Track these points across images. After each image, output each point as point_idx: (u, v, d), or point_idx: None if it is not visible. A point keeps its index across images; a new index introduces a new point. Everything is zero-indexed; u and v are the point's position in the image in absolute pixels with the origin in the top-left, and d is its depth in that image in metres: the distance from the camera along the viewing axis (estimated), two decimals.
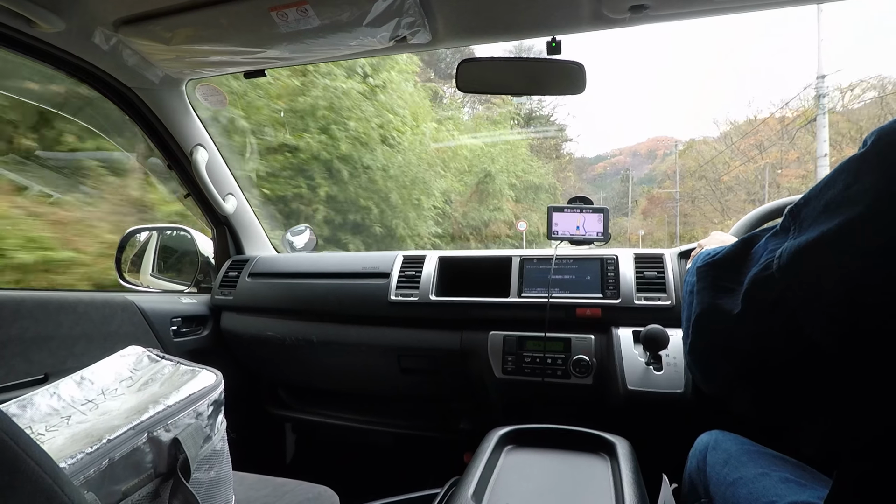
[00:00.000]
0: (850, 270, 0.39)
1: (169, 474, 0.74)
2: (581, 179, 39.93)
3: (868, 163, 0.41)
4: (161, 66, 1.34)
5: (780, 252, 0.46)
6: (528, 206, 15.35)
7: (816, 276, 0.42)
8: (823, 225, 0.42)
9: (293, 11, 1.03)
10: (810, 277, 0.43)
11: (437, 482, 1.13)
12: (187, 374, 0.86)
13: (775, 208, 1.19)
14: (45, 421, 0.71)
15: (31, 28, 1.10)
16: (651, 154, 55.13)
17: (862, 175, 0.40)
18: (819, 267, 0.42)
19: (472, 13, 1.10)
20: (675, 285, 1.36)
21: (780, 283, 0.45)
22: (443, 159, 9.93)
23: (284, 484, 1.05)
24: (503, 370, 1.39)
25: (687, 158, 31.76)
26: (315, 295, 1.63)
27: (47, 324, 1.20)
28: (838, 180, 0.43)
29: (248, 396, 1.89)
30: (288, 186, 5.64)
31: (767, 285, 0.47)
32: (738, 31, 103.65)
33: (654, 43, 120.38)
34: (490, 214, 12.24)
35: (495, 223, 12.38)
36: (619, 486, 0.85)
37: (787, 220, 0.49)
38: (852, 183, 0.41)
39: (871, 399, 0.41)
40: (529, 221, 13.57)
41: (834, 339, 0.41)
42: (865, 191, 0.39)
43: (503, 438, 1.03)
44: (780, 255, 0.46)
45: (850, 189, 0.41)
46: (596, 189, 44.14)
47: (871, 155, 0.41)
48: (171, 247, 1.95)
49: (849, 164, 0.43)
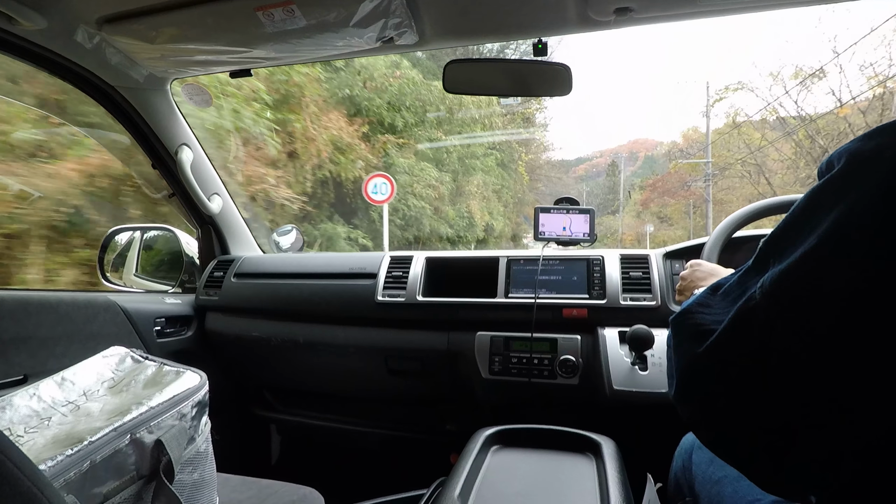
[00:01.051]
0: (841, 284, 0.40)
1: (152, 476, 0.74)
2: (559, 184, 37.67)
3: (846, 179, 0.42)
4: (145, 65, 1.33)
5: (762, 282, 0.46)
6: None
7: (805, 296, 0.42)
8: (805, 246, 0.42)
9: (279, 11, 1.02)
10: (798, 300, 0.42)
11: (424, 483, 1.13)
12: (171, 375, 0.86)
13: (747, 215, 1.20)
14: (24, 422, 0.70)
15: (12, 25, 1.09)
16: (633, 156, 54.15)
17: (841, 194, 0.41)
18: (807, 286, 0.42)
19: (458, 15, 1.11)
20: (661, 286, 1.37)
21: (766, 313, 0.44)
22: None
23: (269, 486, 1.05)
24: (490, 371, 1.39)
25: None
26: (301, 295, 1.62)
27: (27, 324, 1.18)
28: (815, 203, 0.44)
29: (233, 397, 1.88)
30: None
31: (752, 317, 0.46)
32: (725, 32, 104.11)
33: (635, 44, 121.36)
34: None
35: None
36: (604, 485, 0.86)
37: (763, 252, 0.49)
38: (831, 203, 0.42)
39: (866, 403, 0.41)
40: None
41: (823, 359, 0.41)
42: (849, 209, 0.40)
43: (489, 439, 1.04)
44: (762, 284, 0.45)
45: (828, 209, 0.42)
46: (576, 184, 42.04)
47: (846, 173, 0.42)
48: (155, 247, 1.93)
49: (825, 185, 0.44)
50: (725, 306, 0.52)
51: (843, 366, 0.40)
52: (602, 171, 39.73)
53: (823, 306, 0.41)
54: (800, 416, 0.44)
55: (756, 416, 0.47)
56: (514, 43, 7.93)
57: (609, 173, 38.57)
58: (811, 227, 0.43)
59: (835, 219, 0.41)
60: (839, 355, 0.40)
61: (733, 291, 0.52)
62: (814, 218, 0.43)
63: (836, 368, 0.41)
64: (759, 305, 0.45)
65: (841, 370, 0.41)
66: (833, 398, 0.42)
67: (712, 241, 1.17)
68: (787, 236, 0.47)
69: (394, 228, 9.67)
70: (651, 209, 30.57)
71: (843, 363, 0.40)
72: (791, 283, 0.43)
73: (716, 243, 1.16)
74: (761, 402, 0.46)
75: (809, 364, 0.42)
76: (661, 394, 1.20)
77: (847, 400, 0.41)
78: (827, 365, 0.41)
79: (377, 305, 1.52)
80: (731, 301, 0.51)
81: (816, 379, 0.42)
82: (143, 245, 1.86)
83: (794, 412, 0.44)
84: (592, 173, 44.62)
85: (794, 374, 0.43)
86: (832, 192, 0.43)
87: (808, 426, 0.44)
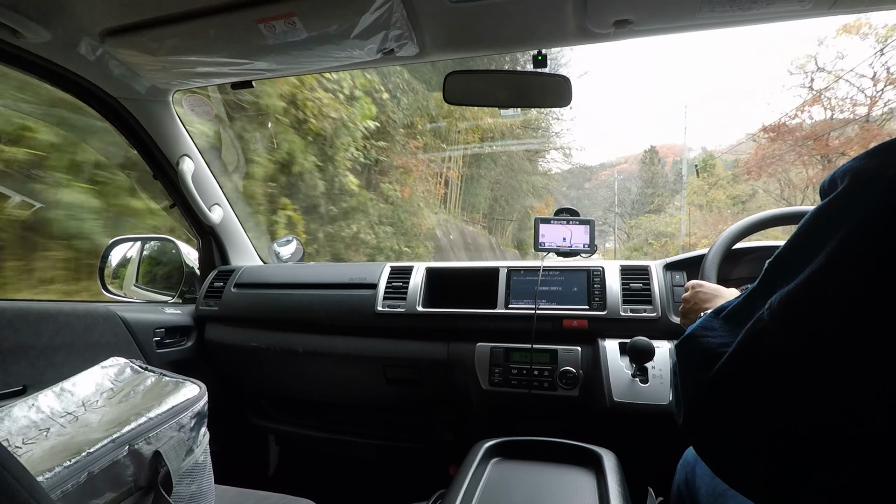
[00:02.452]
0: (849, 301, 0.40)
1: (150, 488, 0.73)
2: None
3: (851, 198, 0.42)
4: (147, 77, 1.34)
5: (770, 303, 0.45)
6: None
7: (814, 314, 0.42)
8: (813, 265, 0.42)
9: (281, 23, 1.03)
10: (807, 319, 0.42)
11: (422, 494, 1.12)
12: (170, 386, 0.86)
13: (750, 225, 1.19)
14: (22, 433, 0.70)
15: (17, 39, 1.10)
16: (660, 161, 52.59)
17: (846, 213, 0.42)
18: (816, 305, 0.42)
19: (458, 27, 1.11)
20: (661, 297, 1.37)
21: (776, 336, 0.44)
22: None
23: (267, 497, 1.04)
24: (490, 382, 1.39)
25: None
26: (301, 305, 1.62)
27: (27, 334, 1.18)
28: (820, 223, 0.44)
29: (232, 408, 1.87)
30: None
31: (761, 339, 0.45)
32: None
33: (657, 50, 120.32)
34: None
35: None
36: (604, 499, 0.86)
37: (769, 274, 0.49)
38: (837, 222, 0.42)
39: (871, 414, 0.40)
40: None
41: (847, 387, 0.41)
42: (854, 228, 0.40)
43: (489, 451, 1.03)
44: (770, 305, 0.45)
45: (834, 228, 0.42)
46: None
47: (850, 193, 0.42)
48: (156, 257, 1.93)
49: (830, 205, 0.44)
50: (730, 329, 0.51)
51: (853, 388, 0.40)
52: (626, 176, 36.33)
53: (832, 324, 0.41)
54: (806, 435, 0.43)
55: (765, 440, 0.46)
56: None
57: (647, 162, 31.34)
58: (817, 246, 0.43)
59: (841, 238, 0.41)
60: (850, 379, 0.40)
61: (738, 314, 0.52)
62: (819, 237, 0.43)
63: (847, 391, 0.41)
64: (768, 328, 0.45)
65: (851, 392, 0.40)
66: (842, 411, 0.41)
67: (713, 253, 1.16)
68: (792, 257, 0.47)
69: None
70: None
71: (853, 387, 0.40)
72: (800, 303, 0.43)
73: (716, 255, 1.15)
74: (770, 422, 0.45)
75: (820, 385, 0.41)
76: (662, 406, 1.19)
77: (854, 413, 0.41)
78: (837, 389, 0.41)
79: (377, 316, 1.52)
80: (736, 324, 0.51)
81: (826, 400, 0.42)
82: (144, 255, 1.87)
83: (802, 429, 0.44)
84: (618, 178, 42.98)
85: (804, 393, 0.42)
86: (837, 211, 0.43)
87: (814, 439, 0.43)
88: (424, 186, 10.48)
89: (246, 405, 1.89)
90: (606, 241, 26.87)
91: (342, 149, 6.14)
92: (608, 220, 29.27)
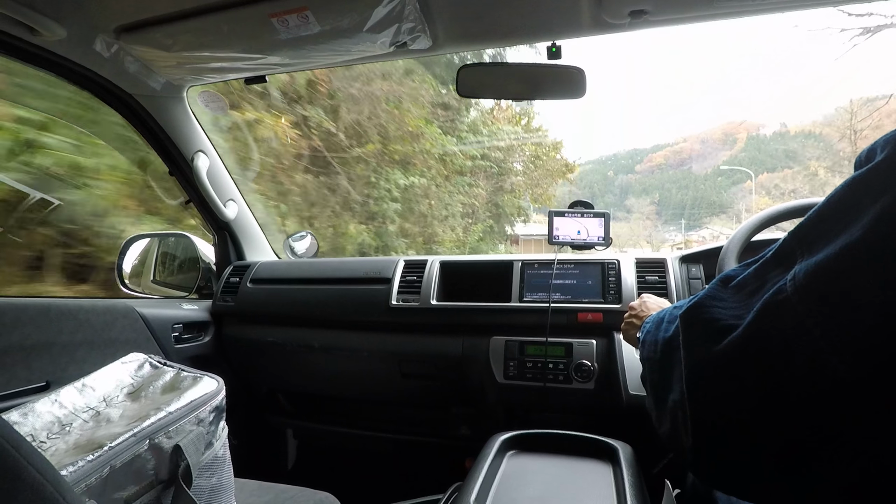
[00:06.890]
0: (887, 279, 0.36)
1: (170, 481, 0.74)
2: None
3: (894, 168, 0.38)
4: (162, 73, 1.35)
5: (794, 274, 0.42)
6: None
7: (845, 292, 0.38)
8: (847, 237, 0.39)
9: (294, 18, 1.03)
10: (836, 296, 0.38)
11: (439, 488, 1.12)
12: (188, 381, 0.86)
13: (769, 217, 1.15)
14: (46, 429, 0.71)
15: (34, 37, 1.11)
16: (728, 139, 45.65)
17: (888, 183, 0.38)
18: (848, 281, 0.38)
19: (472, 18, 1.11)
20: (677, 290, 1.36)
21: (798, 308, 0.40)
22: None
23: (286, 490, 1.05)
24: (505, 375, 1.38)
25: None
26: (316, 301, 1.63)
27: (48, 331, 1.20)
28: (856, 194, 0.41)
29: (250, 403, 1.89)
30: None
31: (782, 312, 0.42)
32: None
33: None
34: None
35: None
36: (621, 491, 0.85)
37: (788, 244, 0.46)
38: (876, 193, 0.38)
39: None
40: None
41: (865, 368, 0.37)
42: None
43: (505, 444, 1.03)
44: (795, 276, 0.41)
45: (872, 199, 0.38)
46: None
47: (893, 162, 0.39)
48: (173, 253, 1.95)
49: (868, 175, 0.40)
50: (742, 299, 0.48)
51: (880, 376, 0.37)
52: (686, 158, 33.17)
53: (864, 304, 0.37)
54: (816, 426, 0.41)
55: (768, 426, 0.44)
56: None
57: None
58: (852, 218, 0.39)
59: (881, 210, 0.37)
60: (878, 363, 0.37)
61: (749, 284, 0.49)
62: (854, 209, 0.40)
63: (870, 378, 0.37)
64: (790, 300, 0.41)
65: (875, 381, 0.37)
66: (857, 409, 0.38)
67: (732, 244, 1.13)
68: (819, 228, 0.43)
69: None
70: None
71: (880, 372, 0.37)
72: (830, 278, 0.39)
73: (735, 245, 1.12)
74: (777, 409, 0.42)
75: (840, 370, 0.38)
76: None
77: (874, 413, 0.38)
78: (860, 373, 0.37)
79: (391, 310, 1.52)
80: (747, 294, 0.48)
81: (844, 388, 0.38)
82: (161, 251, 1.89)
83: (811, 422, 0.41)
84: (674, 162, 39.56)
85: (821, 380, 0.39)
86: (877, 182, 0.39)
87: (822, 438, 0.40)
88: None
89: (264, 400, 1.91)
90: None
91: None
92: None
